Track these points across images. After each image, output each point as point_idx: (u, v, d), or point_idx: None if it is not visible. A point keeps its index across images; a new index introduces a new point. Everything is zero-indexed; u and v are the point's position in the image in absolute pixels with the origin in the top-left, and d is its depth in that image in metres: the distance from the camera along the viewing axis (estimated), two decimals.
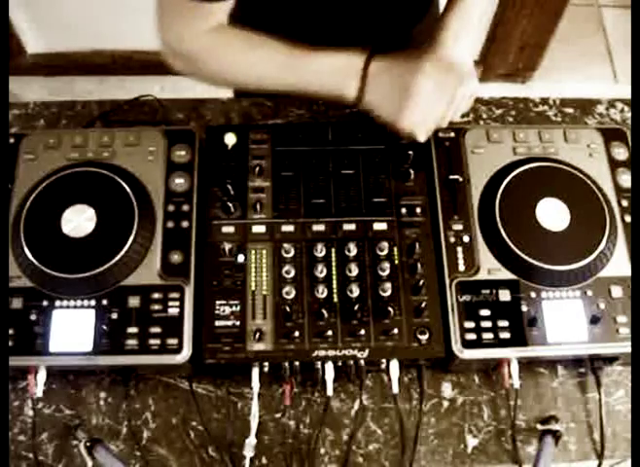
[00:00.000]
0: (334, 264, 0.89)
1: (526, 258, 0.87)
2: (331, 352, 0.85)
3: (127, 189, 0.89)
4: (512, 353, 0.85)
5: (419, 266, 0.88)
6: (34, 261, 0.85)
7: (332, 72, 0.84)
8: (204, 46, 0.85)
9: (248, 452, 0.83)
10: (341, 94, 0.85)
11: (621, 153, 0.97)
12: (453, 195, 0.93)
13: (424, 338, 0.85)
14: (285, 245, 0.90)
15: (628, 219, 0.92)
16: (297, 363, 0.85)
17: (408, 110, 0.83)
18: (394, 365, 0.86)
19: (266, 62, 0.86)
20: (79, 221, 0.88)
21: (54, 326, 0.84)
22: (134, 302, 0.85)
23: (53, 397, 0.89)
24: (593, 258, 0.87)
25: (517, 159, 0.95)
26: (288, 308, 0.85)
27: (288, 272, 0.88)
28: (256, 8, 0.96)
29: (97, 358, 0.83)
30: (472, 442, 0.89)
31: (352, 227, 0.91)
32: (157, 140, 0.95)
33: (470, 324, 0.85)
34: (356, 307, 0.85)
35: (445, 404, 0.91)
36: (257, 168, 0.94)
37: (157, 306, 0.85)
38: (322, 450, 0.87)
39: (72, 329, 0.84)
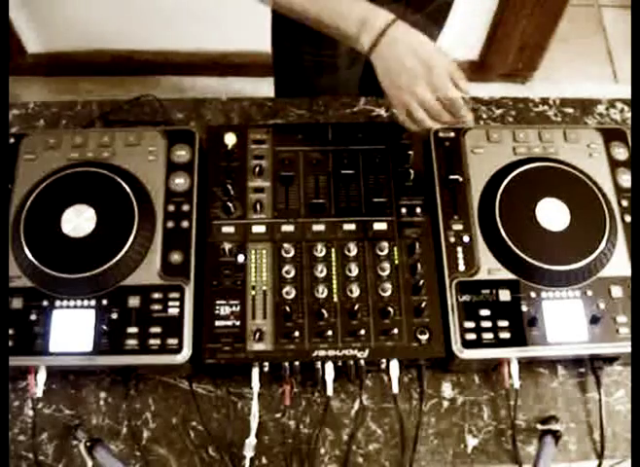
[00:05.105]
0: (334, 264, 0.89)
1: (526, 258, 0.87)
2: (331, 352, 0.85)
3: (127, 189, 0.89)
4: (512, 353, 0.86)
5: (419, 266, 0.88)
6: (34, 261, 0.85)
7: (354, 20, 0.84)
8: None
9: (248, 452, 0.83)
10: (354, 45, 0.86)
11: (621, 153, 0.97)
12: (453, 195, 0.93)
13: (424, 338, 0.85)
14: (285, 245, 0.90)
15: (628, 219, 0.92)
16: (297, 363, 0.85)
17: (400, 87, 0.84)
18: (394, 365, 0.86)
19: None
20: (79, 221, 0.88)
21: (54, 326, 0.84)
22: (134, 302, 0.85)
23: (53, 397, 0.89)
24: (593, 258, 0.87)
25: (517, 159, 0.95)
26: (288, 308, 0.85)
27: (288, 272, 0.88)
28: None
29: (97, 358, 0.83)
30: (472, 442, 0.89)
31: (352, 227, 0.91)
32: (157, 140, 0.95)
33: (470, 324, 0.85)
34: (356, 307, 0.85)
35: (445, 404, 0.91)
36: (257, 168, 0.94)
37: (157, 306, 0.85)
38: (322, 450, 0.87)
39: (72, 329, 0.84)
